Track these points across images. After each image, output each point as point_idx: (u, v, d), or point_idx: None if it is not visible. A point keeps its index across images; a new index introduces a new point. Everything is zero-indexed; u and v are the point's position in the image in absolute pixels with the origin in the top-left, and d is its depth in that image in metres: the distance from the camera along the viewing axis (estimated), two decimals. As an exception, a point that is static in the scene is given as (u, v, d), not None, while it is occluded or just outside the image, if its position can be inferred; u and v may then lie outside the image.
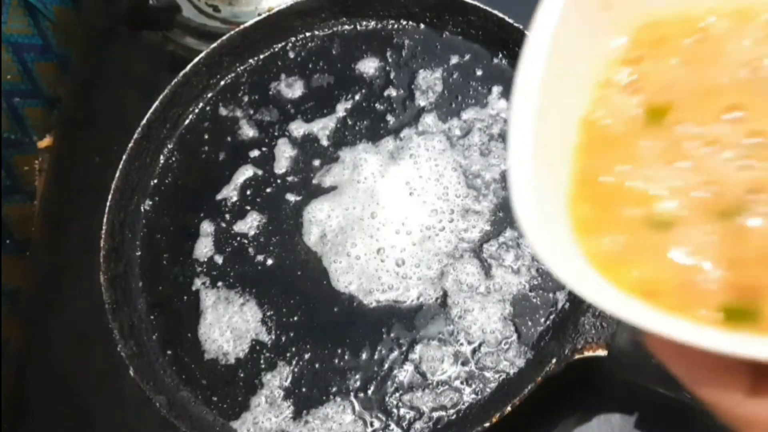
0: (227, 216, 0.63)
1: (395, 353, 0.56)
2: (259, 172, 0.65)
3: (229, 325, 0.59)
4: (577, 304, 0.53)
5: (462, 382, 0.54)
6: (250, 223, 0.63)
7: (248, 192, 0.64)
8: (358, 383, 0.55)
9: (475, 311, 0.56)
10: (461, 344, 0.55)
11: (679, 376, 0.25)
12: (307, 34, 0.68)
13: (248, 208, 0.64)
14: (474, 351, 0.54)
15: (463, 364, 0.54)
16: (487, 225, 0.59)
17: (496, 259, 0.57)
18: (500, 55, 0.64)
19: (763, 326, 0.24)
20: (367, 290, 0.58)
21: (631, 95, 0.29)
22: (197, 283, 0.61)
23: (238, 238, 0.63)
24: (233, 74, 0.68)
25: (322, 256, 0.60)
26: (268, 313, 0.59)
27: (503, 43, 0.63)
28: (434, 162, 0.61)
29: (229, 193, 0.64)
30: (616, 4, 0.30)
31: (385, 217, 0.60)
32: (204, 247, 0.63)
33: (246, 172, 0.65)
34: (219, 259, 0.62)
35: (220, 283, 0.61)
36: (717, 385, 0.24)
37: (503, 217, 0.59)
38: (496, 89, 0.63)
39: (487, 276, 0.57)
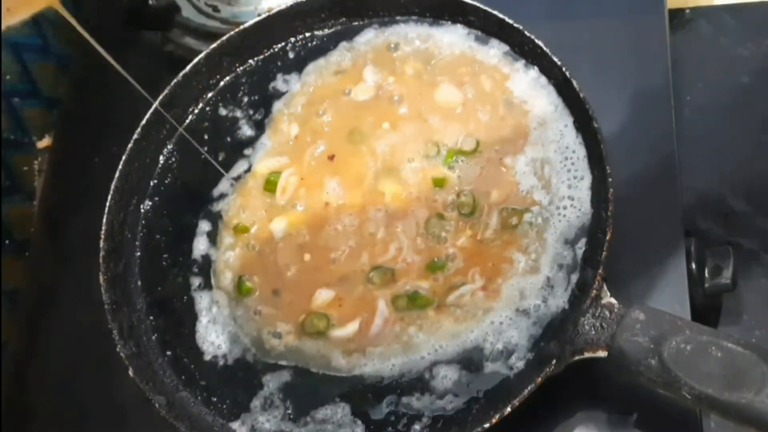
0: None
1: (395, 354, 0.56)
2: (259, 173, 0.65)
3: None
4: (576, 304, 0.53)
5: (462, 383, 0.53)
6: (249, 224, 0.63)
7: (248, 192, 0.64)
8: (358, 384, 0.55)
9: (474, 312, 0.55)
10: (461, 345, 0.55)
11: None
12: (307, 34, 0.68)
13: (248, 208, 0.63)
14: (474, 352, 0.54)
15: (463, 364, 0.54)
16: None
17: (496, 260, 0.57)
18: (500, 55, 0.64)
19: None
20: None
21: None
22: (196, 283, 0.61)
23: (238, 239, 0.62)
24: (233, 74, 0.68)
25: (321, 257, 0.60)
26: (268, 314, 0.59)
27: (503, 43, 0.63)
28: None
29: (229, 193, 0.64)
30: None
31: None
32: (203, 248, 0.62)
33: (246, 173, 0.65)
34: (219, 260, 0.62)
35: (219, 284, 0.61)
36: None
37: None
38: (496, 89, 0.63)
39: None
